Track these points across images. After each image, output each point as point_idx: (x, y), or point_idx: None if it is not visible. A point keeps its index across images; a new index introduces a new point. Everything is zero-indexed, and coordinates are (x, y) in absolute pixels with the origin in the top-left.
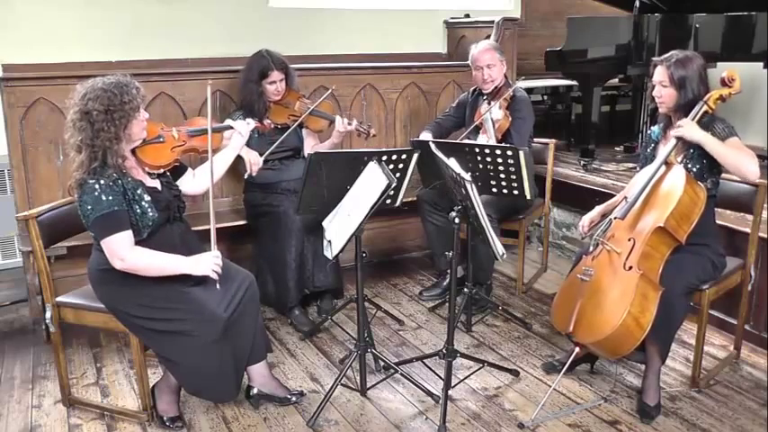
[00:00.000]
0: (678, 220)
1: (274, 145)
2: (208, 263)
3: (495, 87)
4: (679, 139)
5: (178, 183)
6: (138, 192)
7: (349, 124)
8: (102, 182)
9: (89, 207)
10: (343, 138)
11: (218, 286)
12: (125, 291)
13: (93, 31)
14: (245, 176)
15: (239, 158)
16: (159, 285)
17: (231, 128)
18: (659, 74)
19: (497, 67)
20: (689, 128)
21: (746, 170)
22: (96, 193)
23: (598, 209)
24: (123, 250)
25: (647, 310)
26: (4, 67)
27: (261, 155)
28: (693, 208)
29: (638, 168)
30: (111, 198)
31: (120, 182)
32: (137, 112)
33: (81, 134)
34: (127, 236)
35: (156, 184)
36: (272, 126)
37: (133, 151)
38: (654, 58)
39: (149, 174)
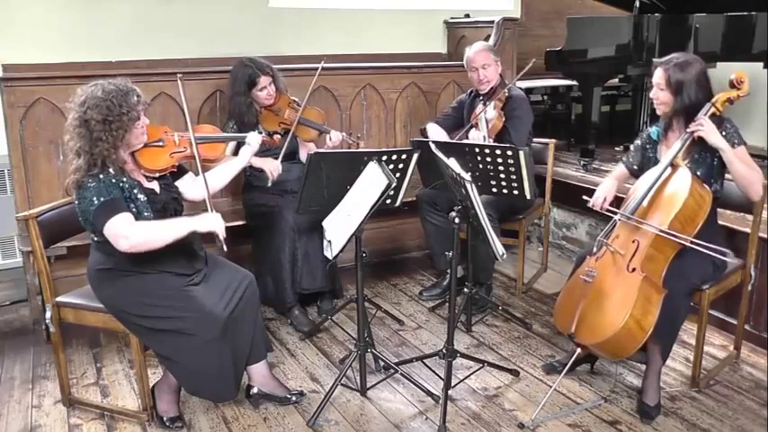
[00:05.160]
0: (683, 222)
1: (283, 149)
2: (214, 219)
3: (492, 88)
4: (692, 133)
5: (177, 183)
6: (135, 191)
7: (338, 135)
8: (101, 177)
9: (89, 200)
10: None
11: (224, 248)
12: (124, 290)
13: (93, 31)
14: (269, 184)
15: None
16: (158, 284)
17: (242, 140)
18: (657, 76)
19: (492, 67)
20: (710, 130)
21: (753, 190)
22: (96, 188)
23: (611, 181)
24: (125, 228)
25: (649, 312)
26: (4, 67)
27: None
28: (698, 211)
29: (622, 159)
30: (110, 189)
31: (117, 180)
32: (136, 121)
33: (80, 141)
34: (127, 216)
35: (154, 185)
36: (279, 138)
37: (132, 154)
38: (655, 60)
39: (146, 176)
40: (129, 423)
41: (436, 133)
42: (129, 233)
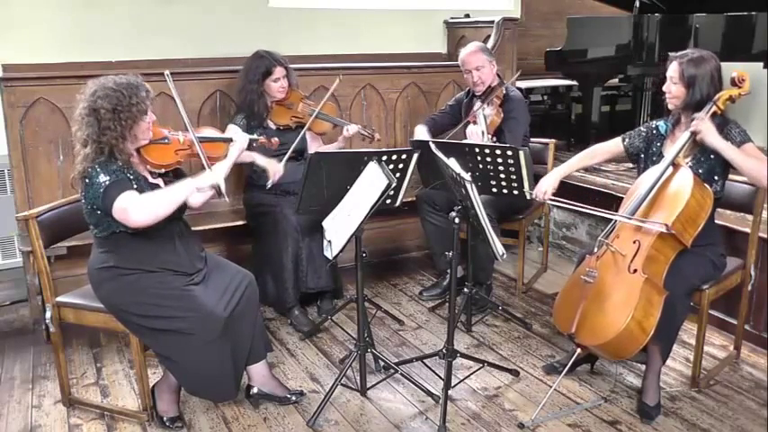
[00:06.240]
0: (684, 223)
1: (290, 150)
2: (213, 174)
3: (489, 87)
4: (693, 134)
5: None
6: (141, 183)
7: (355, 128)
8: (108, 164)
9: (97, 184)
10: (348, 141)
11: (226, 198)
12: (124, 289)
13: (93, 31)
14: (268, 185)
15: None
16: (158, 284)
17: (231, 140)
18: (671, 69)
19: (486, 68)
20: (708, 132)
21: (765, 182)
22: (103, 172)
23: (557, 174)
24: (133, 201)
25: (651, 314)
26: (4, 67)
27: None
28: (700, 212)
29: (624, 140)
30: (118, 174)
31: (125, 169)
32: (144, 115)
33: (88, 129)
34: (134, 192)
35: (159, 182)
36: (277, 142)
37: (138, 150)
38: (670, 53)
39: (151, 173)
40: (129, 423)
41: (422, 135)
42: (137, 205)
